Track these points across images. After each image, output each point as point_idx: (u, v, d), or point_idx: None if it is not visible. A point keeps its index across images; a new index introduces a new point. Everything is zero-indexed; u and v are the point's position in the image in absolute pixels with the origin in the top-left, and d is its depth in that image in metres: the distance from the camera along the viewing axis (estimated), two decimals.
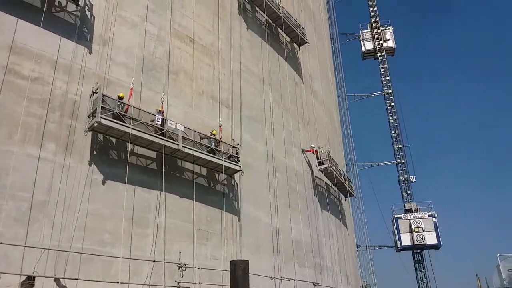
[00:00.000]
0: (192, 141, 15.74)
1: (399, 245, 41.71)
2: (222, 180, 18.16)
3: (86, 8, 15.59)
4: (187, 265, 14.44)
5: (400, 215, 42.12)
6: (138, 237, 14.29)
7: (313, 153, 25.25)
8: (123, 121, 13.90)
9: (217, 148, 16.99)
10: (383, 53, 48.46)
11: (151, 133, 14.50)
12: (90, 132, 13.99)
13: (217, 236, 17.15)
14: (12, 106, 12.80)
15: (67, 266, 12.30)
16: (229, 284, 15.70)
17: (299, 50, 28.31)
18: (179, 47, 18.54)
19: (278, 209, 21.17)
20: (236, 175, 18.94)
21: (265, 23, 25.06)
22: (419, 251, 42.54)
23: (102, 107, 13.33)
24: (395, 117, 44.47)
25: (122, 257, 13.35)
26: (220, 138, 17.51)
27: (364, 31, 51.60)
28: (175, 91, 17.66)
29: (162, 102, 15.73)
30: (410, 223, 41.38)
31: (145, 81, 16.50)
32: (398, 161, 42.49)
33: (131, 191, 14.50)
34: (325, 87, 34.14)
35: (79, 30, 15.14)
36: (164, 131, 14.81)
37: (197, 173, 16.95)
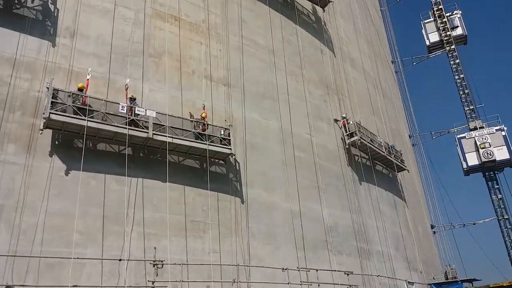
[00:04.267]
0: (166, 127, 13.85)
1: (465, 166, 35.27)
2: (217, 161, 16.01)
3: (50, 1, 14.64)
4: (163, 262, 12.69)
5: (463, 134, 35.08)
6: (114, 235, 12.92)
7: (343, 125, 21.80)
8: (81, 114, 12.55)
9: (203, 132, 14.91)
10: (452, 46, 38.70)
11: (113, 123, 12.95)
12: (51, 130, 12.90)
13: (217, 227, 15.14)
14: None
15: (29, 272, 11.31)
16: (233, 279, 13.79)
17: (323, 12, 24.78)
18: (161, 27, 16.89)
19: (300, 191, 18.39)
20: (240, 157, 16.71)
21: None
22: (491, 173, 35.14)
23: (52, 102, 12.14)
24: (462, 76, 37.54)
25: (95, 258, 12.10)
26: (204, 120, 15.36)
27: (426, 21, 41.21)
28: (157, 75, 16.03)
29: (126, 89, 14.10)
30: (475, 141, 34.59)
31: (120, 69, 15.09)
32: (472, 125, 35.55)
33: (102, 185, 13.18)
34: (367, 52, 29.86)
35: (41, 24, 14.23)
36: (127, 119, 13.15)
37: (184, 153, 15.08)
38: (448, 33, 39.16)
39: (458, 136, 35.56)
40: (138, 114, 13.72)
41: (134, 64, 15.54)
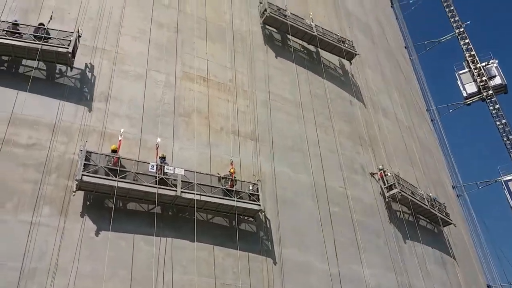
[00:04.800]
0: (194, 184, 14.05)
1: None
2: (247, 218, 15.79)
3: (87, 70, 15.87)
4: None
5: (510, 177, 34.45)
6: None
7: (380, 177, 21.18)
8: (112, 175, 13.02)
9: (231, 188, 14.93)
10: (493, 98, 37.83)
11: (143, 183, 13.29)
12: (83, 192, 13.37)
13: None
14: (8, 174, 13.05)
15: None
16: None
17: (350, 64, 25.26)
18: (191, 88, 17.78)
19: (338, 250, 17.59)
20: (270, 214, 16.43)
21: (300, 48, 23.11)
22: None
23: (84, 164, 12.74)
24: (503, 121, 36.13)
25: None
26: (232, 175, 15.43)
27: (460, 72, 40.32)
28: (187, 133, 16.58)
29: (157, 148, 14.57)
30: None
31: (151, 129, 15.77)
32: None
33: (131, 246, 13.25)
34: (399, 101, 29.69)
35: (79, 91, 15.33)
36: (157, 178, 13.46)
37: (213, 211, 15.02)
38: (484, 83, 38.21)
39: (505, 179, 33.52)
40: (167, 173, 14.00)
41: (165, 124, 16.22)
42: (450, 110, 38.78)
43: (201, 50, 19.02)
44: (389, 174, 21.13)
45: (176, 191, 13.73)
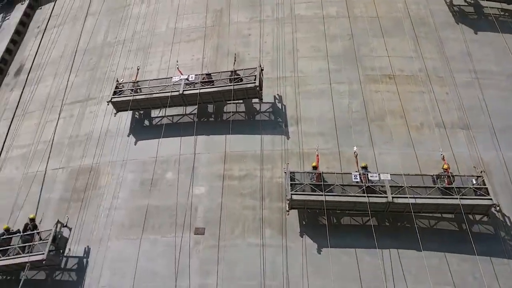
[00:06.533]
0: (405, 188, 13.67)
1: None
2: (479, 219, 14.16)
3: (276, 101, 17.77)
4: None
5: None
6: None
7: None
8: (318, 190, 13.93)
9: (449, 186, 13.74)
10: None
11: (350, 194, 13.68)
12: (296, 211, 14.63)
13: None
14: (231, 204, 15.46)
15: None
16: None
17: None
18: (377, 90, 17.77)
19: None
20: (508, 210, 14.32)
21: (499, 12, 20.19)
22: None
23: (291, 184, 14.08)
24: None
25: None
26: (447, 172, 14.19)
27: None
28: (384, 137, 16.47)
29: (356, 156, 14.81)
30: None
31: (345, 140, 16.31)
32: None
33: (354, 259, 13.67)
34: None
35: (274, 122, 17.36)
36: (364, 186, 13.68)
37: (432, 216, 14.21)
38: None
39: None
40: (372, 180, 13.97)
41: (358, 132, 16.58)
42: None
43: (379, 49, 18.96)
44: None
45: (387, 197, 13.55)
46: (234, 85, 16.93)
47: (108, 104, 18.36)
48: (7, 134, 19.37)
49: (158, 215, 15.82)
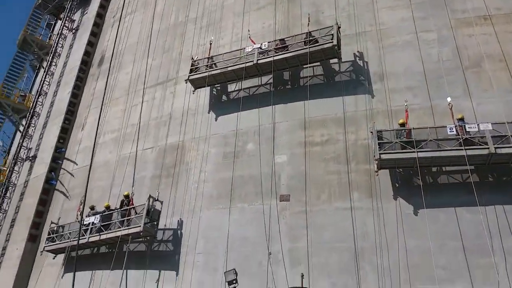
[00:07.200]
0: (509, 137, 12.43)
1: None
2: None
3: (357, 58, 17.00)
4: None
5: None
6: (481, 268, 12.15)
7: None
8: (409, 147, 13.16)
9: None
10: None
11: (446, 148, 12.69)
12: (387, 171, 14.06)
13: None
14: (314, 171, 15.24)
15: None
16: None
17: None
18: (470, 34, 16.24)
19: None
20: None
21: None
22: None
23: (379, 143, 13.50)
24: None
25: None
26: None
27: None
28: (482, 85, 15.10)
29: (450, 108, 13.73)
30: None
31: (437, 93, 15.21)
32: None
33: (453, 217, 12.85)
34: None
35: (356, 81, 16.66)
36: (461, 139, 12.63)
37: None
38: None
39: None
40: (470, 132, 12.85)
41: (451, 83, 15.41)
42: None
43: None
44: None
45: (488, 148, 12.41)
46: (310, 47, 16.49)
47: (186, 83, 19.14)
48: (98, 121, 21.03)
49: (243, 184, 16.33)
